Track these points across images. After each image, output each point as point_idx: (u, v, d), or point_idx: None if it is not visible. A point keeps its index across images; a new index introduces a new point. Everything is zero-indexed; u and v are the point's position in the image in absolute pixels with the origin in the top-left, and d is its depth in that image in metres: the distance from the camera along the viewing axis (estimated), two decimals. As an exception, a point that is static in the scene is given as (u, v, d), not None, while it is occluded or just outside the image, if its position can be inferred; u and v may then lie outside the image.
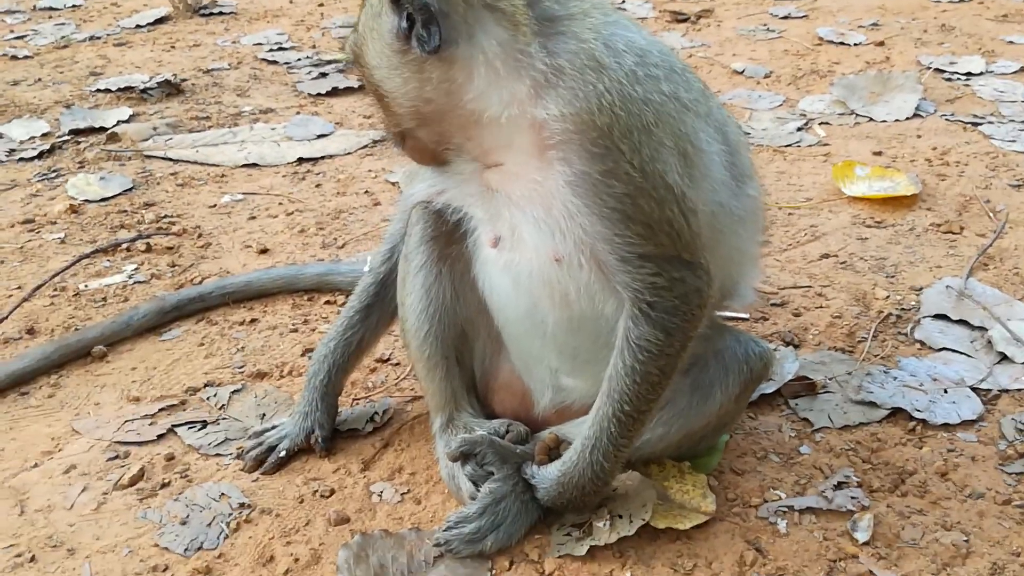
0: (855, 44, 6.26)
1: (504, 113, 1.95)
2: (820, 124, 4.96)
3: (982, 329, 3.08)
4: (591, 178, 1.92)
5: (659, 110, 1.96)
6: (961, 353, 2.99)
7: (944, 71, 5.69)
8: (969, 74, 5.64)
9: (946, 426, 2.66)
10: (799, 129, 4.88)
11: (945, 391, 2.79)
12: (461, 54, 1.94)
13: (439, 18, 1.90)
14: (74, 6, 7.62)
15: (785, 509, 2.34)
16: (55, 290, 3.42)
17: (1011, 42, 6.27)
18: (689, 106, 2.05)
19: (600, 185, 1.92)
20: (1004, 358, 2.95)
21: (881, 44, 6.25)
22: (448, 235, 2.31)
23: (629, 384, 2.06)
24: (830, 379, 2.86)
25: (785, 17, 6.95)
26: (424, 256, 2.34)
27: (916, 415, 2.69)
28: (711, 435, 2.41)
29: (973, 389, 2.80)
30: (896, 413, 2.71)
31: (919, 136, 4.76)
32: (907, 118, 4.98)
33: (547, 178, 1.96)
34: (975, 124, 4.87)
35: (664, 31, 6.67)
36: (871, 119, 5.00)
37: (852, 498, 2.37)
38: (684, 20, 6.89)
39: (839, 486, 2.42)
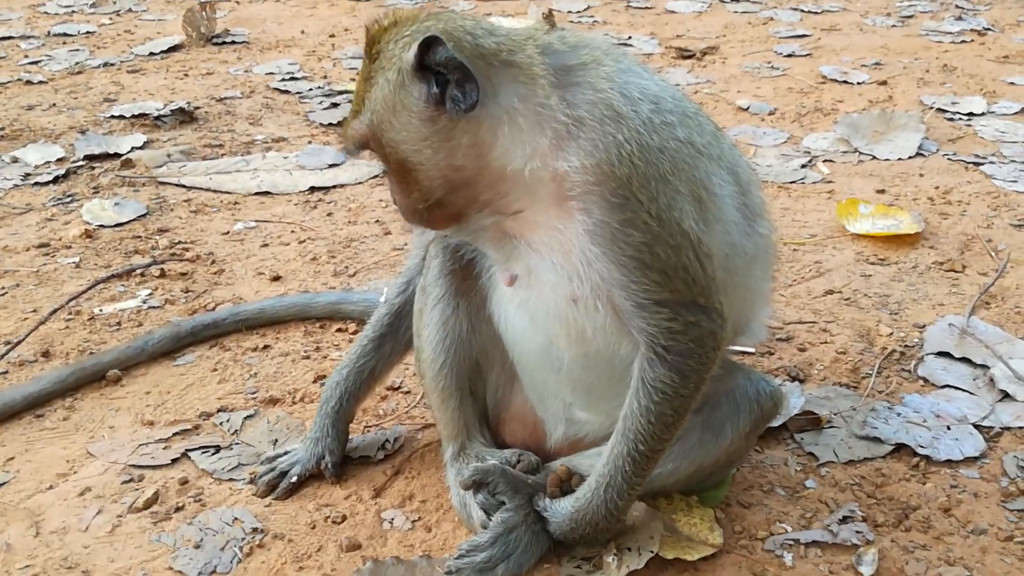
0: (858, 83, 6.36)
1: (528, 167, 1.99)
2: (824, 161, 5.03)
3: (984, 367, 3.13)
4: (610, 227, 1.95)
5: (675, 157, 2.00)
6: (964, 390, 3.03)
7: (946, 111, 5.78)
8: (971, 114, 5.73)
9: (949, 462, 2.69)
10: (803, 166, 4.95)
11: (948, 428, 2.83)
12: (487, 113, 1.97)
13: (475, 74, 1.93)
14: (88, 33, 7.74)
15: (791, 542, 2.37)
16: (70, 314, 3.47)
17: (1012, 83, 6.37)
18: (702, 151, 2.10)
19: (619, 234, 1.95)
20: (1006, 396, 2.99)
21: (884, 83, 6.35)
22: (465, 270, 2.36)
23: (644, 424, 2.09)
24: (835, 414, 2.90)
25: (789, 55, 7.05)
26: (442, 289, 2.38)
27: (920, 451, 2.72)
28: (720, 471, 2.44)
29: (976, 426, 2.84)
30: (900, 449, 2.75)
31: (922, 175, 4.84)
32: (910, 157, 5.06)
33: (567, 227, 2.00)
34: (977, 164, 4.95)
35: (670, 67, 6.77)
36: (874, 157, 5.08)
37: (857, 532, 2.40)
38: (690, 57, 6.99)
39: (844, 520, 2.45)
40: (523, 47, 2.03)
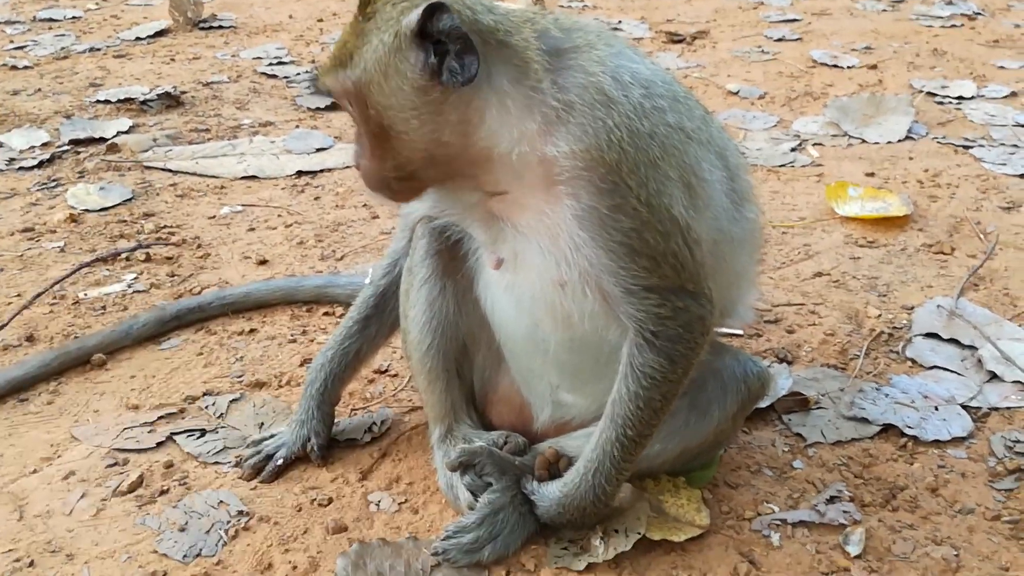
0: (848, 67, 6.35)
1: (515, 150, 1.96)
2: (814, 145, 5.02)
3: (972, 348, 3.13)
4: (599, 213, 1.94)
5: (665, 143, 1.99)
6: (952, 371, 3.03)
7: (936, 95, 5.77)
8: (960, 98, 5.73)
9: (937, 443, 2.70)
10: (793, 150, 4.94)
11: (936, 408, 2.83)
12: (478, 91, 1.93)
13: (477, 47, 1.89)
14: (74, 18, 7.67)
15: (778, 522, 2.37)
16: (54, 298, 3.44)
17: (1002, 67, 6.36)
18: (692, 136, 2.08)
19: (607, 219, 1.94)
20: (994, 376, 2.99)
21: (874, 67, 6.34)
22: (452, 251, 2.34)
23: (633, 409, 2.09)
24: (823, 395, 2.89)
25: (779, 39, 7.03)
26: (428, 270, 2.36)
27: (907, 432, 2.73)
28: (707, 451, 2.43)
29: (963, 407, 2.84)
30: (888, 429, 2.75)
31: (911, 158, 4.83)
32: (899, 140, 5.05)
33: (554, 211, 1.98)
34: (966, 147, 4.94)
35: (660, 52, 6.74)
36: (864, 141, 5.07)
37: (844, 512, 2.40)
38: (680, 41, 6.97)
39: (831, 500, 2.45)
40: (520, 29, 2.00)
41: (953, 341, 3.17)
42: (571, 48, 2.02)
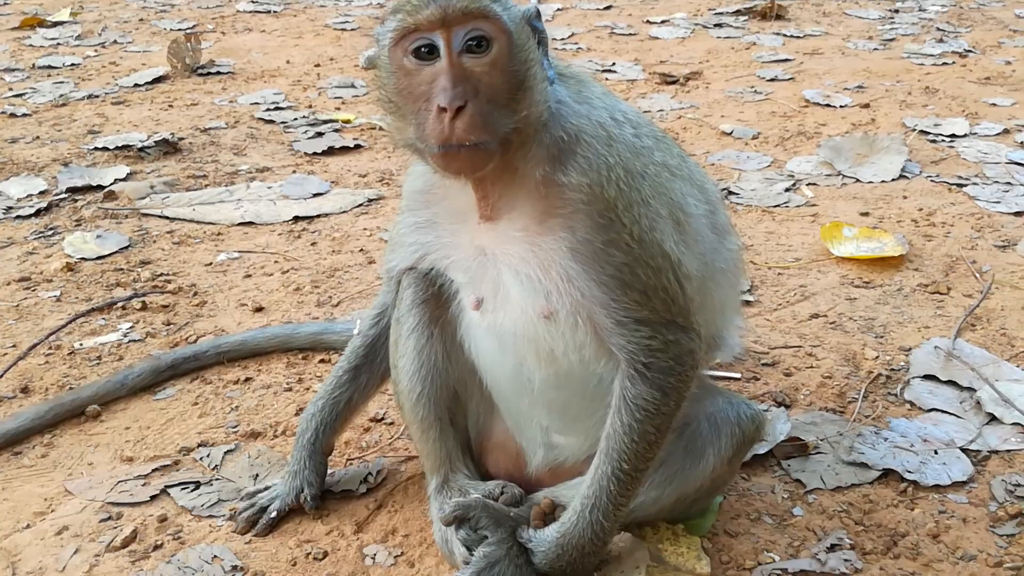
0: (841, 106, 6.40)
1: (529, 173, 2.00)
2: (808, 185, 5.05)
3: (971, 390, 3.12)
4: (593, 246, 1.98)
5: (655, 181, 2.06)
6: (950, 414, 3.02)
7: (929, 133, 5.81)
8: (953, 136, 5.76)
9: (937, 487, 2.68)
10: (787, 190, 4.97)
11: (935, 452, 2.81)
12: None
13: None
14: (73, 65, 7.73)
15: (779, 572, 2.34)
16: (50, 348, 3.43)
17: (994, 104, 6.41)
18: (676, 172, 2.16)
19: (601, 253, 1.98)
20: (993, 419, 2.97)
21: (866, 106, 6.39)
22: (437, 298, 2.35)
23: (627, 443, 2.10)
24: (822, 440, 2.88)
25: (772, 79, 7.10)
26: (415, 319, 2.36)
27: (907, 476, 2.70)
28: (705, 497, 2.42)
29: (963, 450, 2.82)
30: (887, 474, 2.73)
31: (905, 197, 4.85)
32: (893, 179, 5.08)
33: (547, 243, 2.01)
34: (960, 185, 4.97)
35: (654, 93, 6.80)
36: (858, 180, 5.10)
37: (845, 561, 2.37)
38: (673, 82, 7.03)
39: (832, 548, 2.42)
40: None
41: (951, 383, 3.16)
42: (580, 80, 2.12)
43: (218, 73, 7.41)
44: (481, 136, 1.87)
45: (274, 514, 2.53)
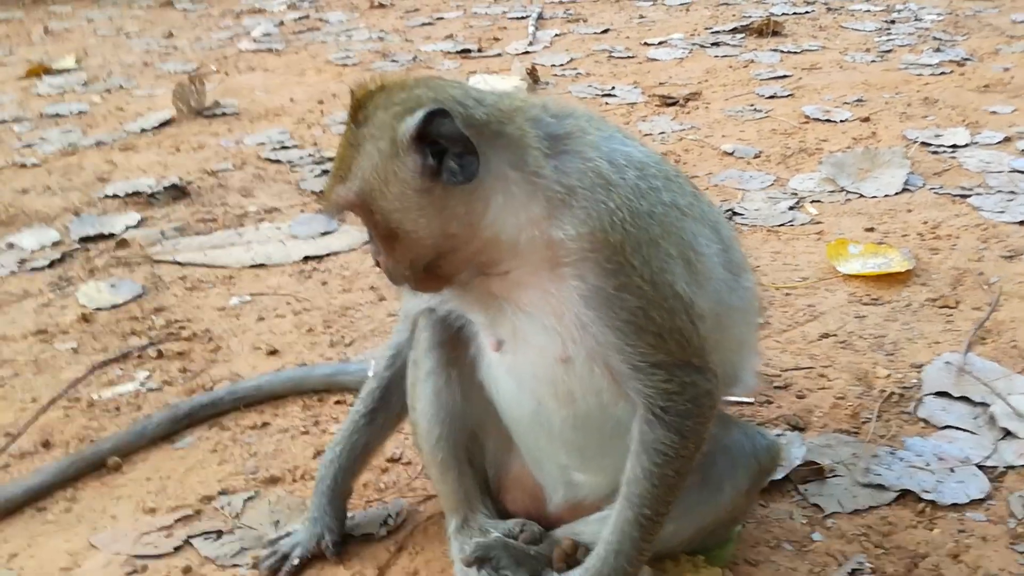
0: (841, 121, 6.43)
1: (522, 235, 2.00)
2: (811, 202, 5.07)
3: (984, 405, 3.12)
4: (605, 292, 1.98)
5: (663, 221, 2.05)
6: (965, 430, 3.02)
7: (930, 144, 5.83)
8: (955, 146, 5.77)
9: (955, 506, 2.68)
10: (791, 208, 4.99)
11: (952, 470, 2.82)
12: (480, 183, 1.97)
13: (477, 147, 1.93)
14: (80, 112, 7.83)
15: (800, 600, 2.36)
16: (69, 401, 3.47)
17: (994, 112, 6.43)
18: (687, 212, 2.15)
19: (613, 299, 1.98)
20: (1008, 433, 2.98)
21: (867, 120, 6.42)
22: (455, 339, 2.37)
23: (648, 487, 2.10)
24: (837, 462, 2.88)
25: (771, 97, 7.13)
26: (433, 362, 2.39)
27: (925, 496, 2.71)
28: (723, 528, 2.43)
29: (979, 467, 2.83)
30: (905, 495, 2.74)
31: (909, 211, 4.87)
32: (896, 193, 5.09)
33: (559, 290, 2.02)
34: (964, 196, 4.98)
35: (654, 115, 6.85)
36: (861, 195, 5.12)
37: (866, 586, 2.38)
38: (673, 104, 7.07)
39: (853, 573, 2.43)
40: (512, 118, 2.04)
41: (964, 399, 3.16)
42: (565, 134, 2.08)
43: (223, 114, 7.49)
44: (399, 284, 2.17)
45: (296, 561, 2.54)
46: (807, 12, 10.40)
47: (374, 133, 2.00)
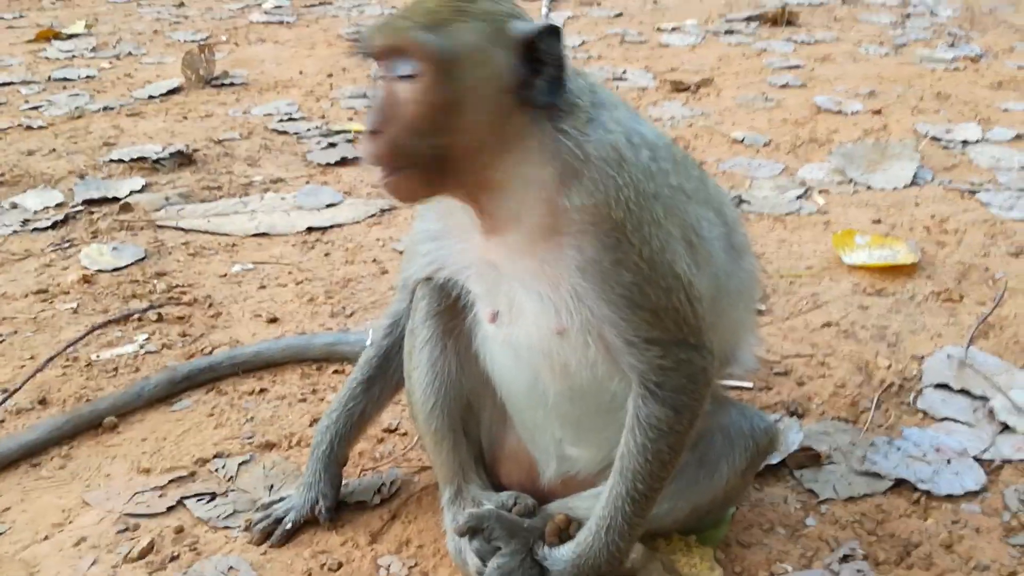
0: (852, 112, 6.39)
1: (531, 193, 1.97)
2: (819, 192, 5.05)
3: (984, 398, 3.11)
4: (601, 266, 1.98)
5: (668, 203, 2.05)
6: (963, 423, 3.02)
7: (941, 139, 5.80)
8: (965, 142, 5.75)
9: (950, 497, 2.68)
10: (799, 197, 4.97)
11: (948, 461, 2.81)
12: (539, 118, 1.93)
13: (567, 79, 1.91)
14: (88, 77, 7.80)
15: (791, 583, 2.35)
16: (67, 360, 3.47)
17: (1006, 109, 6.40)
18: (692, 195, 2.16)
19: (610, 273, 1.98)
20: (1006, 428, 2.97)
21: (878, 112, 6.38)
22: (452, 309, 2.36)
23: (642, 462, 2.10)
24: (834, 449, 2.88)
25: (783, 86, 7.10)
26: (430, 331, 2.38)
27: (920, 486, 2.71)
28: (718, 509, 2.43)
29: (976, 459, 2.82)
30: (900, 484, 2.73)
31: (917, 204, 4.85)
32: (905, 186, 5.07)
33: (556, 259, 2.01)
34: (972, 192, 4.96)
35: (665, 100, 6.81)
36: (870, 187, 5.09)
37: (858, 572, 2.38)
38: (684, 90, 7.04)
39: (845, 559, 2.43)
40: (581, 72, 2.06)
41: (964, 392, 3.15)
42: (600, 103, 2.06)
43: (232, 84, 7.47)
44: (387, 162, 1.88)
45: (289, 525, 2.55)
46: (822, 3, 10.34)
47: (483, 14, 1.89)
